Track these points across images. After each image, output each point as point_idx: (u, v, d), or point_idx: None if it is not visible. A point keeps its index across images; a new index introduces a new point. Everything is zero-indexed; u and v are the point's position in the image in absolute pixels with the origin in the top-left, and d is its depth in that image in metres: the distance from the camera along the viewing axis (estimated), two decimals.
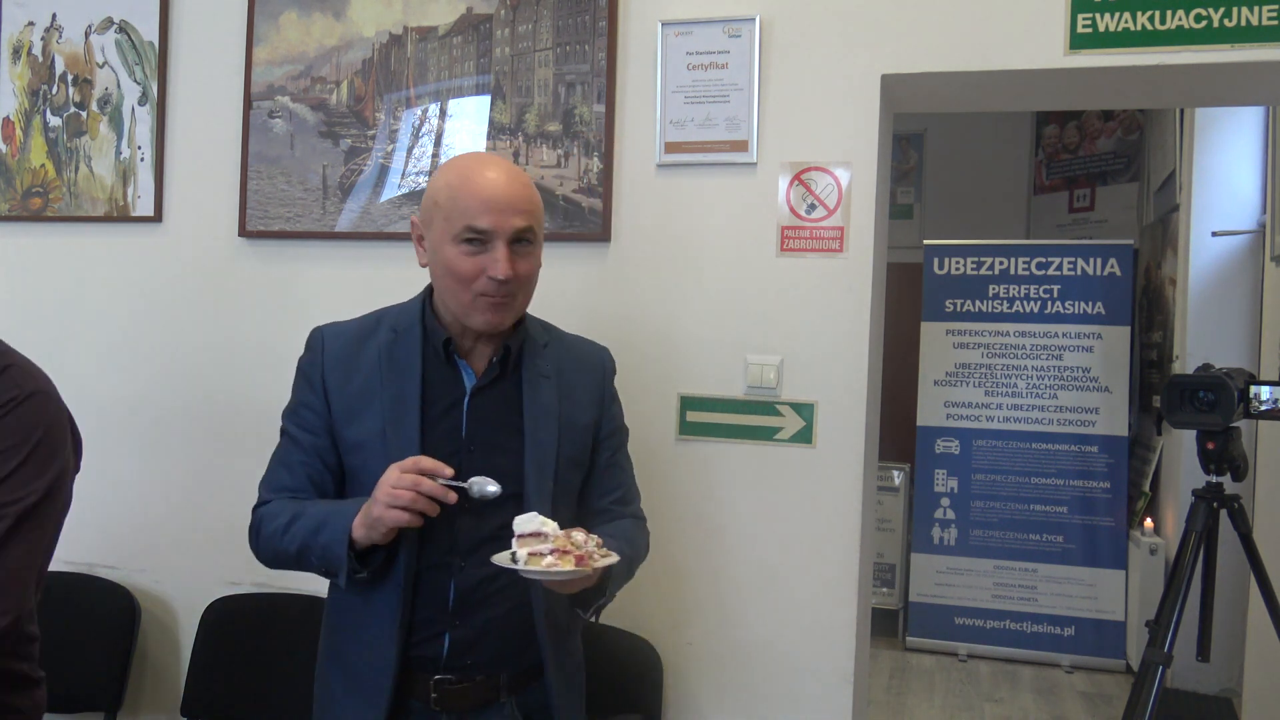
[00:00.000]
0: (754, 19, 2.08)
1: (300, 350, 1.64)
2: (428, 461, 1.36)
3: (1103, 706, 4.11)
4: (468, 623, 1.47)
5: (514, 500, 1.44)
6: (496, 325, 1.46)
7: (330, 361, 1.55)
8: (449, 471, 1.36)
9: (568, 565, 1.31)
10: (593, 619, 1.51)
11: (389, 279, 2.32)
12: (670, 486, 2.15)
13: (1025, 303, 4.70)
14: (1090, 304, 4.61)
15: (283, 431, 1.59)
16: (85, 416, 2.56)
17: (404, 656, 1.47)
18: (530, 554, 1.32)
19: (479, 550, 1.44)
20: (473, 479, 1.39)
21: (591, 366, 1.61)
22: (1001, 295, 4.74)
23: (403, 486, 1.33)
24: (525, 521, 1.35)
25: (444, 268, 1.45)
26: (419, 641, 1.48)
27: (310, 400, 1.56)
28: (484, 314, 1.45)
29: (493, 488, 1.38)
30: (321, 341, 1.58)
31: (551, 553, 1.32)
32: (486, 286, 1.42)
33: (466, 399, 1.50)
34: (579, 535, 1.35)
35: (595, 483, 1.60)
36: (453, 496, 1.35)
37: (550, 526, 1.35)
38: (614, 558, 1.37)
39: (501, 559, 1.34)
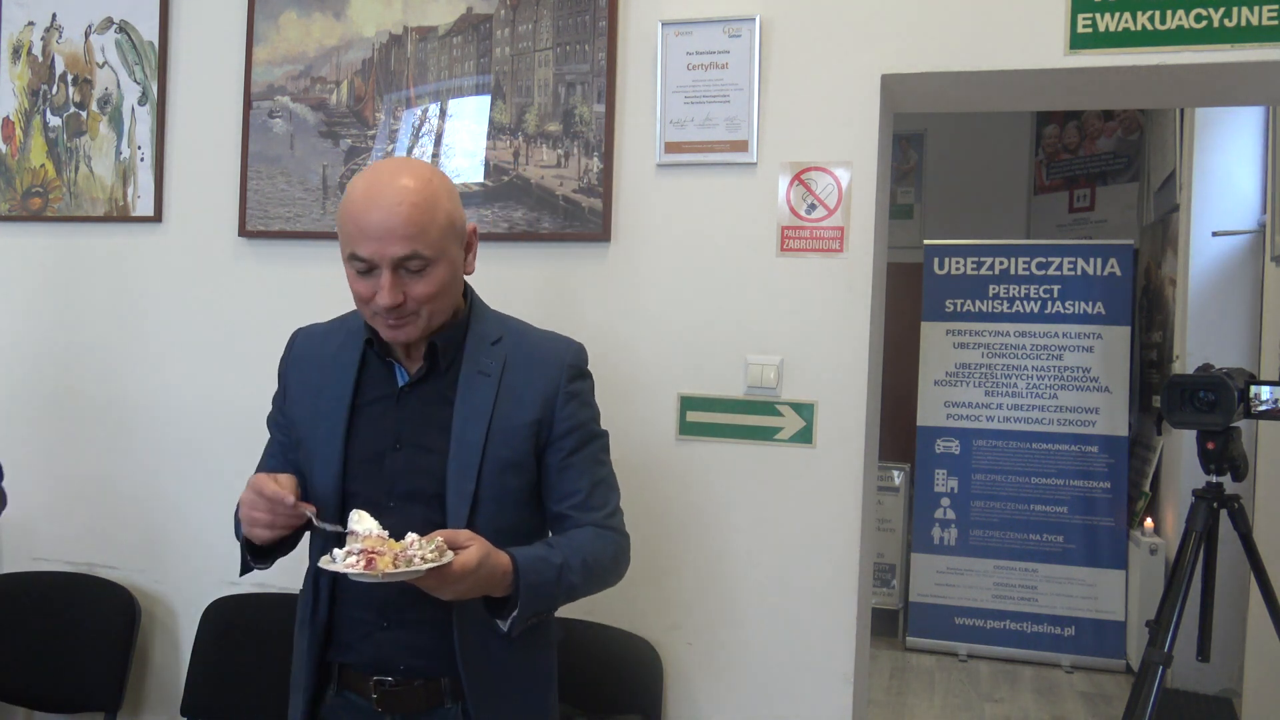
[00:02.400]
0: (754, 19, 2.08)
1: None
2: (269, 487, 1.37)
3: (1103, 706, 4.11)
4: (395, 624, 1.47)
5: (438, 500, 1.44)
6: (402, 339, 1.45)
7: (294, 361, 1.63)
8: (289, 499, 1.36)
9: (380, 565, 1.26)
10: (511, 634, 1.40)
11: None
12: (670, 486, 2.15)
13: (1025, 303, 4.70)
14: (1090, 304, 4.61)
15: None
16: (85, 416, 2.57)
17: (324, 653, 1.52)
18: (348, 552, 1.29)
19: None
20: (356, 521, 1.34)
21: (545, 364, 1.51)
22: (1001, 295, 4.74)
23: (254, 507, 1.38)
24: (352, 519, 1.34)
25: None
26: (351, 641, 1.50)
27: (277, 398, 1.64)
28: (386, 331, 1.45)
29: (332, 528, 1.36)
30: (293, 342, 1.66)
31: (360, 553, 1.27)
32: (378, 309, 1.42)
33: (397, 398, 1.51)
34: (410, 538, 1.29)
35: (548, 486, 1.51)
36: (302, 516, 1.37)
37: (364, 525, 1.32)
38: (427, 566, 1.26)
39: (326, 558, 1.32)
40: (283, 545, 1.49)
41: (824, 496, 2.08)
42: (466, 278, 1.53)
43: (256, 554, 1.49)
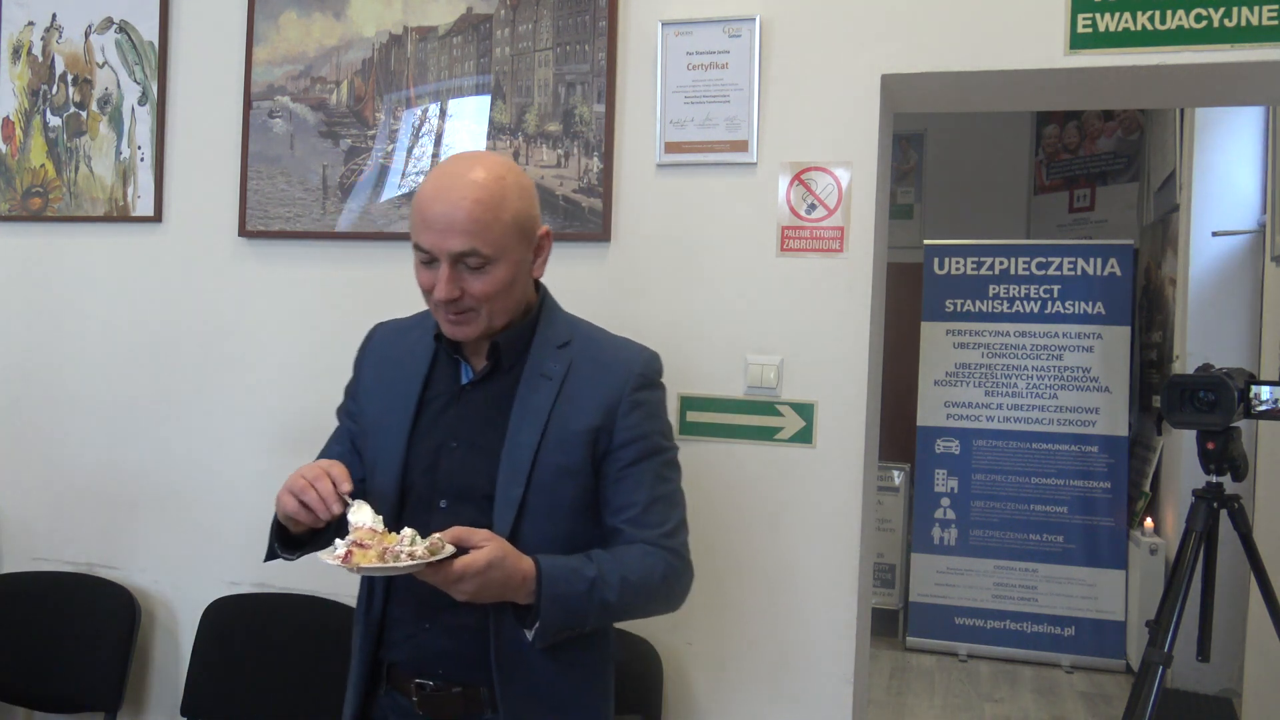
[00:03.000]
0: (754, 19, 2.08)
1: (299, 350, 1.65)
2: (338, 468, 1.37)
3: (1103, 706, 4.11)
4: (436, 627, 1.45)
5: (488, 502, 1.42)
6: (460, 337, 1.44)
7: (370, 354, 1.62)
8: (346, 486, 1.35)
9: (362, 558, 1.25)
10: (537, 645, 1.36)
11: (389, 279, 2.33)
12: None
13: (1025, 303, 4.70)
14: (1090, 304, 4.61)
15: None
16: (85, 416, 2.57)
17: (377, 652, 1.50)
18: (340, 543, 1.29)
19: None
20: (353, 512, 1.32)
21: (612, 370, 1.47)
22: (1002, 295, 4.74)
23: (305, 476, 1.36)
24: (350, 510, 1.32)
25: None
26: (396, 641, 1.49)
27: (351, 388, 1.64)
28: (446, 326, 1.44)
29: (342, 546, 1.32)
30: (372, 335, 1.65)
31: (351, 545, 1.27)
32: (436, 301, 1.41)
33: (458, 395, 1.49)
34: (404, 533, 1.27)
35: (604, 497, 1.46)
36: (337, 508, 1.34)
37: (358, 517, 1.30)
38: (412, 563, 1.24)
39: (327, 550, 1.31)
40: (315, 539, 1.47)
41: (824, 496, 2.08)
42: (541, 280, 1.52)
43: (287, 543, 1.47)
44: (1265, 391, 2.25)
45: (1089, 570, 4.55)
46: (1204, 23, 1.87)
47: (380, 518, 1.33)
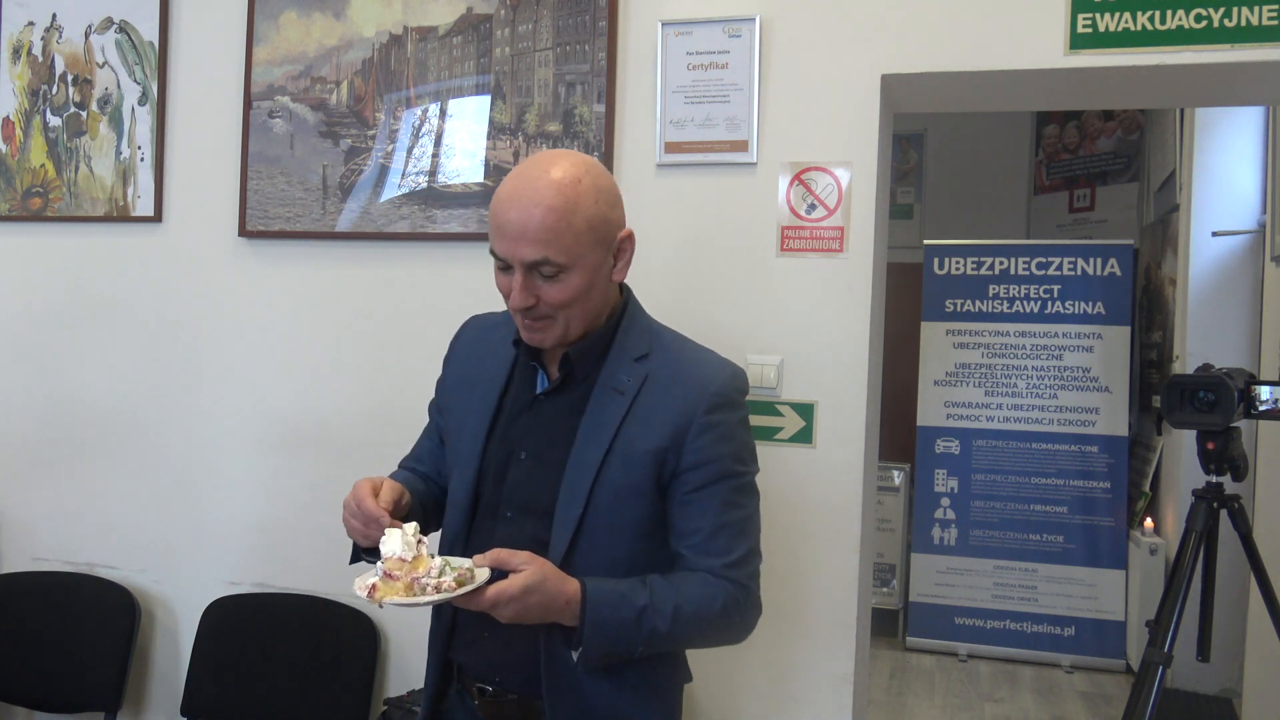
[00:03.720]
0: (754, 19, 2.08)
1: (299, 350, 1.65)
2: (367, 503, 1.36)
3: (1103, 706, 4.11)
4: (496, 635, 1.41)
5: (550, 517, 1.39)
6: (538, 344, 1.41)
7: (458, 350, 1.60)
8: (385, 519, 1.34)
9: (387, 591, 1.24)
10: (582, 668, 1.34)
11: (389, 279, 2.33)
12: None
13: (1025, 303, 4.70)
14: (1090, 304, 4.61)
15: None
16: (85, 416, 2.57)
17: (447, 653, 1.50)
18: (372, 573, 1.28)
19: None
20: (384, 541, 1.29)
21: (686, 386, 1.39)
22: (1002, 295, 4.74)
23: (347, 505, 1.38)
24: (383, 539, 1.29)
25: None
26: (463, 644, 1.48)
27: (440, 382, 1.61)
28: (524, 332, 1.41)
29: (371, 576, 1.30)
30: (462, 330, 1.62)
31: (381, 575, 1.25)
32: (514, 309, 1.38)
33: (530, 405, 1.46)
34: (436, 562, 1.26)
35: (670, 521, 1.40)
36: (378, 535, 1.32)
37: (387, 547, 1.27)
38: (437, 597, 1.23)
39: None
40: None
41: (824, 496, 2.08)
42: (626, 282, 1.49)
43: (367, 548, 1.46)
44: (1265, 391, 2.25)
45: (1089, 570, 4.55)
46: (1204, 23, 1.87)
47: (415, 542, 1.28)
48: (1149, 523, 4.47)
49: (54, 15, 2.58)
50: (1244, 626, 3.61)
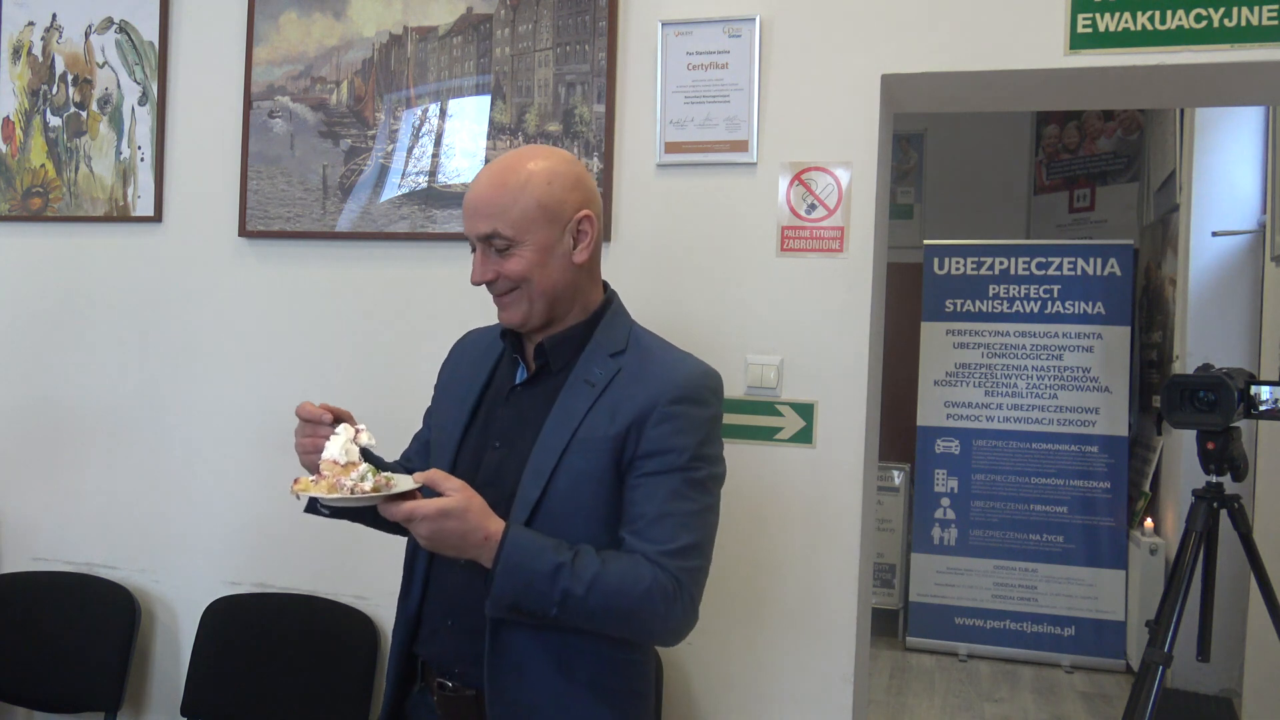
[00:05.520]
0: (754, 19, 2.08)
1: (299, 350, 1.65)
2: (307, 406, 1.42)
3: (1103, 706, 4.11)
4: (456, 626, 1.44)
5: (510, 502, 1.41)
6: (508, 321, 1.46)
7: (453, 358, 1.66)
8: (326, 417, 1.40)
9: (307, 486, 1.30)
10: (489, 611, 1.34)
11: (389, 279, 2.33)
12: None
13: (1025, 303, 4.70)
14: (1090, 304, 4.61)
15: None
16: (85, 416, 2.57)
17: (411, 647, 1.51)
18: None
19: None
20: (329, 441, 1.34)
21: (654, 381, 1.41)
22: (1001, 295, 4.74)
23: (299, 434, 1.43)
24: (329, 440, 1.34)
25: None
26: (426, 635, 1.49)
27: (435, 388, 1.67)
28: (499, 312, 1.48)
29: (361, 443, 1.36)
30: (458, 341, 1.68)
31: (315, 476, 1.31)
32: (476, 284, 1.45)
33: (507, 396, 1.51)
34: (362, 468, 1.29)
35: (622, 508, 1.41)
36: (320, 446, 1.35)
37: (329, 448, 1.31)
38: (361, 497, 1.27)
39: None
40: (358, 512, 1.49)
41: (824, 496, 2.08)
42: (614, 286, 1.54)
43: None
44: (1265, 391, 2.25)
45: (1089, 570, 4.55)
46: (1204, 23, 1.87)
47: (353, 450, 1.32)
48: (1149, 523, 4.47)
49: (54, 15, 2.58)
50: (1244, 626, 3.61)
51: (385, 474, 1.31)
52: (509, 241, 1.40)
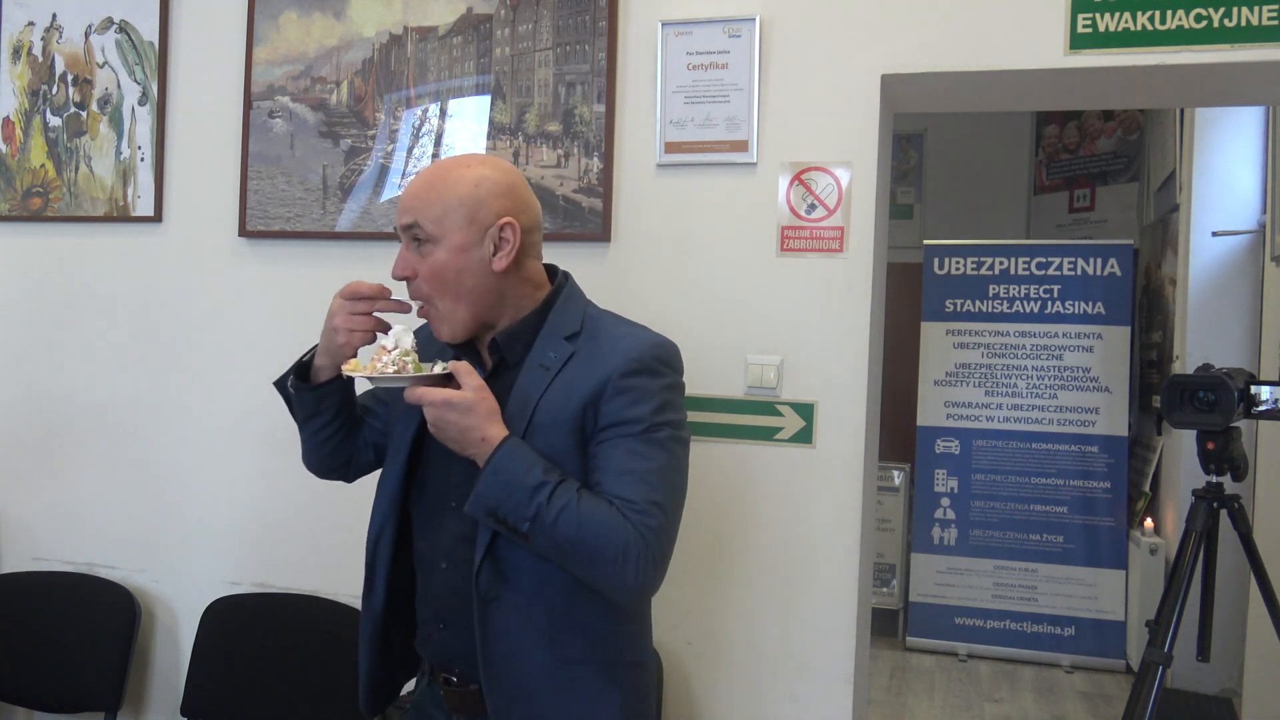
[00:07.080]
0: (754, 19, 2.08)
1: (299, 350, 1.64)
2: (364, 285, 1.47)
3: (1103, 706, 4.11)
4: (450, 629, 1.46)
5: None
6: (439, 338, 1.47)
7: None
8: (385, 291, 1.47)
9: (351, 365, 1.42)
10: (468, 509, 1.35)
11: (388, 279, 2.33)
12: None
13: (1025, 303, 4.70)
14: (1090, 304, 4.61)
15: None
16: (86, 416, 2.57)
17: (387, 646, 1.55)
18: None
19: (458, 547, 1.44)
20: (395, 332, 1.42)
21: (608, 356, 1.41)
22: (1001, 295, 4.73)
23: (336, 312, 1.48)
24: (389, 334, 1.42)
25: None
26: (423, 638, 1.52)
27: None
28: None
29: (407, 340, 1.41)
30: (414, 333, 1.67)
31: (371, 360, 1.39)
32: (395, 276, 1.47)
33: None
34: (392, 354, 1.38)
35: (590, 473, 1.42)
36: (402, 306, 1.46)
37: (389, 339, 1.40)
38: (393, 377, 1.36)
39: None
40: (331, 391, 1.54)
41: (824, 496, 2.08)
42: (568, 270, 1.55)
43: (303, 375, 1.55)
44: (1265, 391, 2.25)
45: (1089, 570, 4.55)
46: (1204, 23, 1.87)
47: (406, 339, 1.40)
48: (1149, 523, 4.47)
49: (54, 15, 2.58)
50: (1244, 626, 3.61)
51: (414, 360, 1.39)
52: (428, 236, 1.42)
